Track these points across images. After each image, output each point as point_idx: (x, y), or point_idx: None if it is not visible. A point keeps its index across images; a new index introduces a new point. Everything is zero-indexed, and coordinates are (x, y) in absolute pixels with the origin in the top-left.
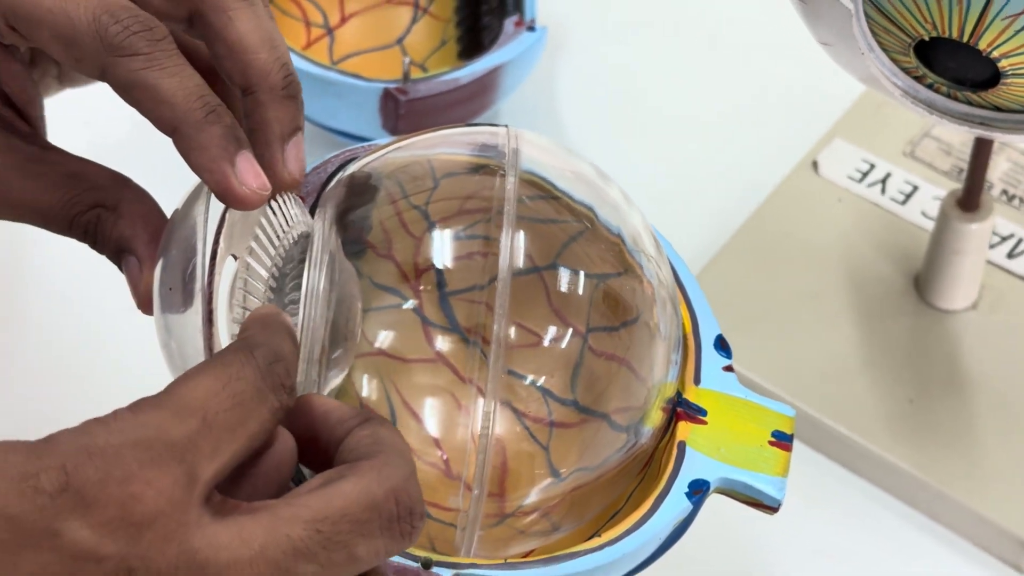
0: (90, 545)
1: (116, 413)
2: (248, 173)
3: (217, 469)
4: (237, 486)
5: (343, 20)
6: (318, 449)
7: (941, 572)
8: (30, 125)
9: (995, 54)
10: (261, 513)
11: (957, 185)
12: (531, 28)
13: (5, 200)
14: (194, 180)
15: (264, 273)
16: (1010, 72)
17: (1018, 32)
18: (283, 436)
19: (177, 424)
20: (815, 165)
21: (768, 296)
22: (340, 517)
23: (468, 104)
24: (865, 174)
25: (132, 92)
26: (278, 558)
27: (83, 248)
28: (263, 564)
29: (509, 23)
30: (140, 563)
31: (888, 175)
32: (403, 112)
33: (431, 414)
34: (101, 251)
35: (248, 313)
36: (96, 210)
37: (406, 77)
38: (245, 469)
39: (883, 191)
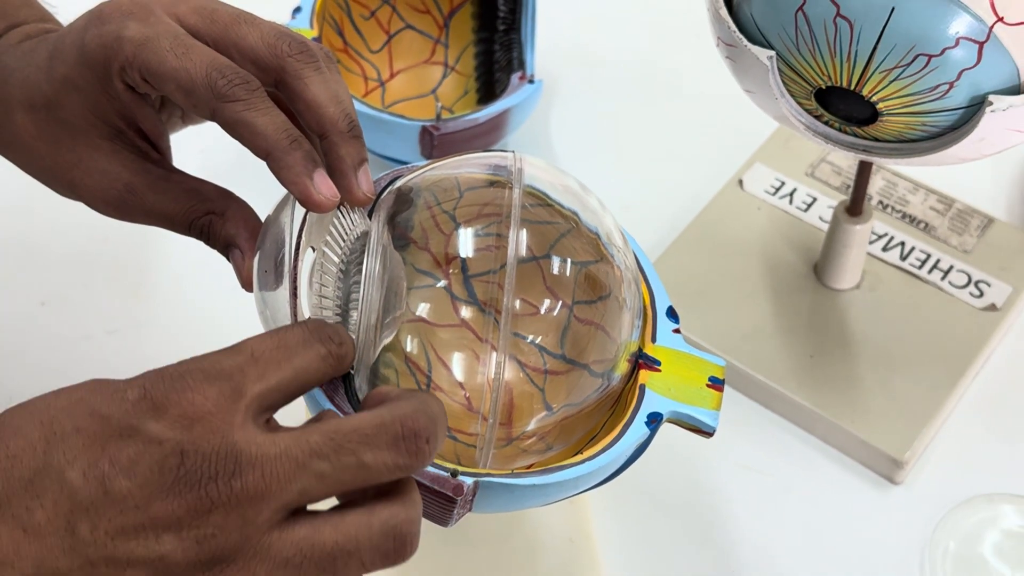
0: (156, 434)
1: (183, 361)
2: (323, 185)
3: (263, 389)
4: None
5: (392, 76)
6: None
7: (832, 481)
8: (160, 154)
9: (875, 98)
10: (295, 429)
11: (845, 197)
12: (531, 81)
13: (141, 209)
14: (281, 192)
15: (336, 260)
16: (886, 112)
17: (892, 82)
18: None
19: (229, 358)
20: (740, 183)
21: (706, 278)
22: (351, 431)
23: (484, 137)
24: (777, 189)
25: (235, 128)
26: (297, 455)
27: (200, 245)
28: (285, 458)
29: (515, 77)
30: (191, 446)
31: (794, 190)
32: (436, 143)
33: (457, 364)
34: (213, 246)
35: (324, 289)
36: (209, 216)
37: (438, 117)
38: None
39: (791, 202)
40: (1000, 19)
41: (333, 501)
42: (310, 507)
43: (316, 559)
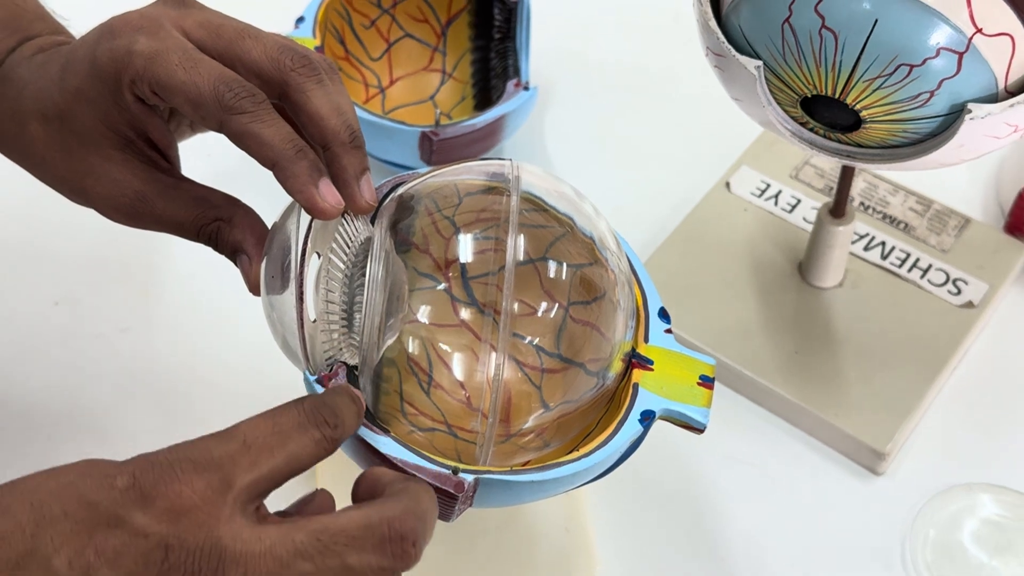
0: (142, 526)
1: (174, 445)
2: (328, 193)
3: (253, 478)
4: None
5: (392, 82)
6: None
7: (816, 472)
8: (169, 163)
9: (858, 107)
10: (282, 523)
11: (828, 199)
12: (526, 88)
13: (151, 216)
14: (286, 200)
15: (340, 265)
16: (869, 119)
17: (875, 91)
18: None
19: (220, 445)
20: (728, 185)
21: (695, 277)
22: (338, 531)
23: (482, 143)
24: (763, 191)
25: (242, 139)
26: (282, 555)
27: (208, 250)
28: (269, 557)
29: (510, 84)
30: (176, 541)
31: (779, 192)
32: (435, 148)
33: (458, 364)
34: (221, 252)
35: (330, 294)
36: (217, 223)
37: (437, 123)
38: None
39: (776, 203)
40: (979, 30)
41: None
42: None
43: None
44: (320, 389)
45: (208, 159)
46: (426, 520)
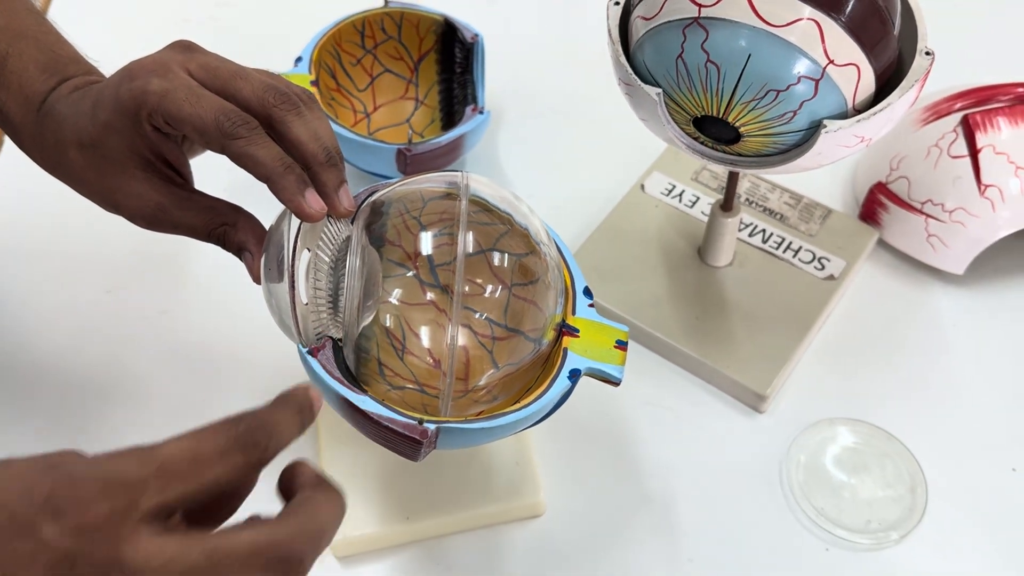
0: (52, 538)
1: (107, 454)
2: (313, 201)
3: (160, 501)
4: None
5: (375, 109)
6: (290, 497)
7: (713, 412)
8: (183, 179)
9: (738, 124)
10: (184, 538)
11: (720, 196)
12: (482, 112)
13: (170, 223)
14: (279, 208)
15: (326, 259)
16: (746, 134)
17: (750, 112)
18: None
19: (136, 467)
20: (642, 187)
21: (617, 261)
22: (229, 551)
23: (447, 157)
24: (670, 191)
25: (240, 159)
26: (176, 571)
27: (218, 250)
28: (164, 573)
29: (469, 109)
30: (81, 555)
31: (683, 192)
32: (409, 161)
33: (425, 334)
34: (228, 250)
35: (318, 282)
36: (224, 227)
37: (410, 142)
38: (216, 505)
39: (680, 201)
40: (831, 62)
41: None
42: None
43: None
44: (312, 360)
45: (220, 174)
46: (320, 537)
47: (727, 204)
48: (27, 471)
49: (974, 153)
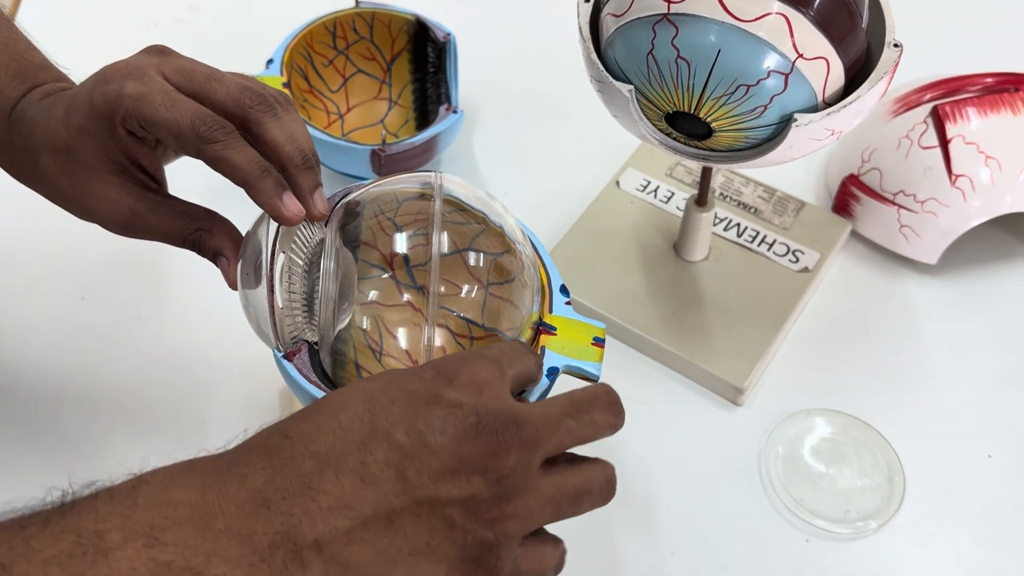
0: (455, 399)
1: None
2: (290, 204)
3: (514, 372)
4: None
5: (348, 110)
6: None
7: (691, 406)
8: (158, 184)
9: (709, 119)
10: (540, 401)
11: (694, 191)
12: (455, 111)
13: (144, 228)
14: (257, 211)
15: (300, 262)
16: (718, 129)
17: (721, 107)
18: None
19: (488, 350)
20: (617, 183)
21: (594, 257)
22: (581, 397)
23: (421, 156)
24: (645, 187)
25: (217, 163)
26: (553, 414)
27: (193, 255)
28: (546, 417)
29: (442, 109)
30: (483, 408)
31: (658, 187)
32: (384, 162)
33: (403, 335)
34: (203, 256)
35: (293, 285)
36: (199, 232)
37: (384, 142)
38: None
39: (655, 196)
40: (800, 56)
41: None
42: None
43: (568, 496)
44: (288, 364)
45: (194, 178)
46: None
47: (701, 199)
48: (401, 370)
49: (944, 144)
